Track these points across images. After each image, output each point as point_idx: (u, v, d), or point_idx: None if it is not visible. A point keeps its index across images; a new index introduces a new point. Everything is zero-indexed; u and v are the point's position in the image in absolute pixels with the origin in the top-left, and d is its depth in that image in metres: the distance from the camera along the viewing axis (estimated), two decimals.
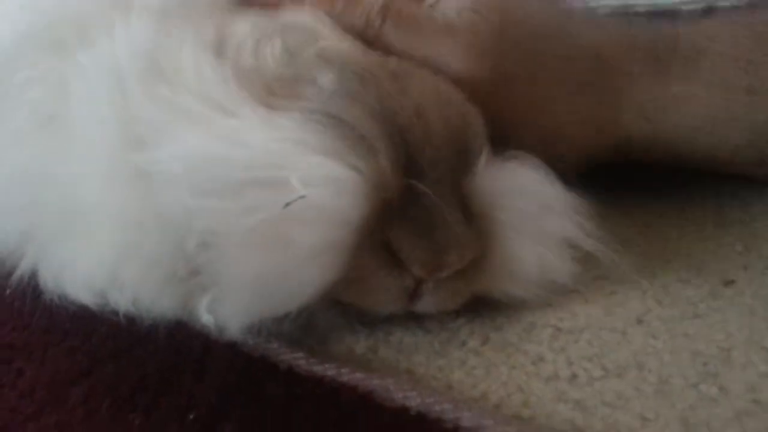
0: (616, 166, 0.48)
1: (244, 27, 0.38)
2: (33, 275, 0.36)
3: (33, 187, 0.36)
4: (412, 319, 0.34)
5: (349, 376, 0.30)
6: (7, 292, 0.37)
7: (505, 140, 0.37)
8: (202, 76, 0.34)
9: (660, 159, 0.43)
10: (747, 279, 0.36)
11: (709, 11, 1.05)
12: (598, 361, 0.31)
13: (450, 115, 0.33)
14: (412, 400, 0.28)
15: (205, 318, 0.31)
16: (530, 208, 0.33)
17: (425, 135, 0.31)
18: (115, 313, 0.33)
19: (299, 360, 0.31)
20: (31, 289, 0.36)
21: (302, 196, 0.28)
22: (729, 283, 0.36)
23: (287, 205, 0.28)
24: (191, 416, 0.28)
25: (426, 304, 0.32)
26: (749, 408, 0.28)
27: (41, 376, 0.32)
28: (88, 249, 0.33)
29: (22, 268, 0.36)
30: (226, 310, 0.30)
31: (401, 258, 0.30)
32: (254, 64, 0.35)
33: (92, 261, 0.33)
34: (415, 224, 0.30)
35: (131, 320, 0.33)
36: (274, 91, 0.34)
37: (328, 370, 0.31)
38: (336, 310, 0.32)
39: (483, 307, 0.34)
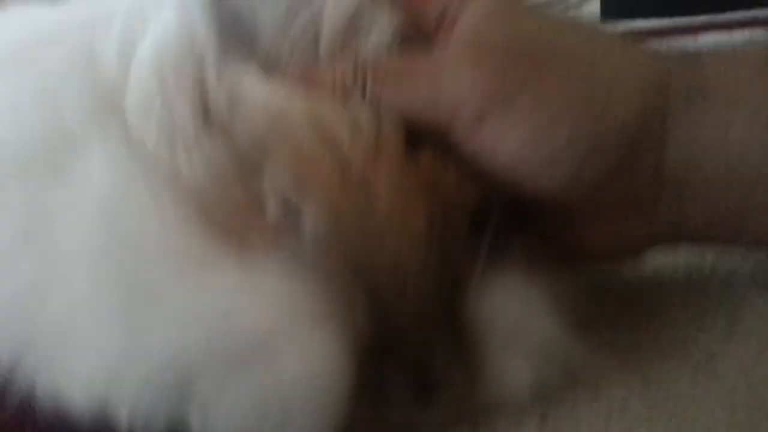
0: None
1: (151, 131, 0.36)
2: (33, 381, 0.38)
3: (25, 306, 0.37)
4: None
5: None
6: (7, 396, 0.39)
7: None
8: (168, 223, 0.33)
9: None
10: (729, 352, 0.37)
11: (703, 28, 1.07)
12: None
13: (431, 254, 0.32)
14: None
15: (196, 421, 0.32)
16: (518, 323, 0.34)
17: (404, 287, 0.31)
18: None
19: None
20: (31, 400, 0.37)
21: (297, 378, 0.30)
22: (712, 356, 0.37)
23: (284, 391, 0.30)
24: None
25: (420, 421, 0.32)
26: None
27: None
28: (83, 364, 0.34)
29: (21, 376, 0.38)
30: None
31: (391, 399, 0.31)
32: (201, 181, 0.34)
33: (87, 376, 0.34)
34: (400, 370, 0.31)
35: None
36: (241, 211, 0.34)
37: None
38: None
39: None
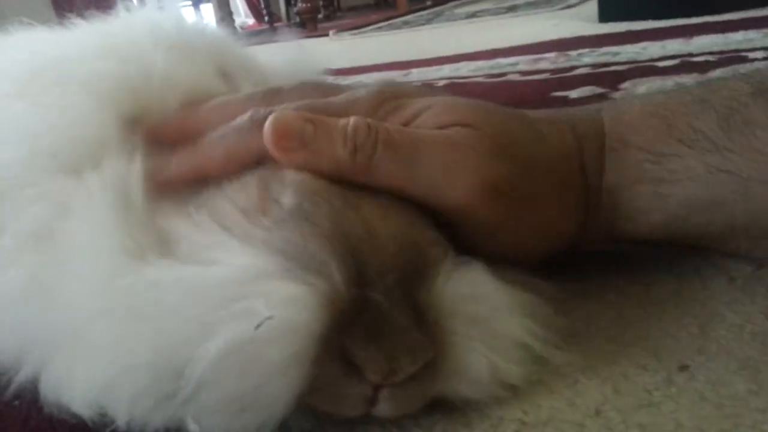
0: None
1: None
2: (34, 386, 0.39)
3: (30, 304, 0.39)
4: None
5: None
6: (15, 403, 0.41)
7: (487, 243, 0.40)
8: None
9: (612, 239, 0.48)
10: (700, 363, 0.38)
11: (683, 66, 1.09)
12: None
13: (401, 230, 0.36)
14: None
15: (192, 428, 0.34)
16: (481, 313, 0.36)
17: (374, 251, 0.34)
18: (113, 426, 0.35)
19: None
20: (34, 401, 0.39)
21: (269, 317, 0.31)
22: (683, 368, 0.38)
23: (257, 327, 0.31)
24: None
25: (384, 409, 0.34)
26: None
27: None
28: (84, 366, 0.36)
29: (20, 380, 0.39)
30: (209, 424, 0.33)
31: (356, 364, 0.33)
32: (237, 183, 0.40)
33: (88, 378, 0.36)
34: (368, 331, 0.33)
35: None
36: (252, 204, 0.38)
37: None
38: (307, 415, 0.35)
39: (457, 402, 0.37)
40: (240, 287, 0.33)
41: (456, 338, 0.35)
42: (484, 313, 0.36)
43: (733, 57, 1.12)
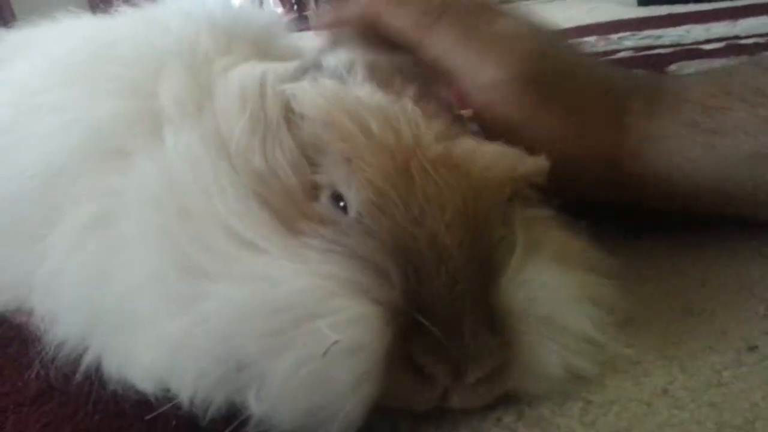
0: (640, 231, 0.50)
1: (243, 121, 0.40)
2: (98, 364, 0.40)
3: (92, 288, 0.39)
4: None
5: None
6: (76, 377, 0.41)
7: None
8: (227, 204, 0.37)
9: (654, 196, 0.49)
10: None
11: (730, 48, 1.07)
12: None
13: (467, 235, 0.34)
14: None
15: (255, 407, 0.34)
16: (550, 311, 0.35)
17: (439, 262, 0.33)
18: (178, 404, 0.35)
19: None
20: (98, 377, 0.40)
21: (335, 342, 0.31)
22: (752, 348, 0.37)
23: (324, 354, 0.31)
24: None
25: (455, 403, 0.34)
26: None
27: None
28: (146, 346, 0.36)
29: (87, 358, 0.40)
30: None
31: (425, 373, 0.33)
32: (267, 168, 0.38)
33: (150, 357, 0.36)
34: (435, 340, 0.32)
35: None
36: (295, 200, 0.37)
37: None
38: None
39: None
40: (305, 305, 0.32)
41: (526, 338, 0.34)
42: (553, 311, 0.35)
43: None
